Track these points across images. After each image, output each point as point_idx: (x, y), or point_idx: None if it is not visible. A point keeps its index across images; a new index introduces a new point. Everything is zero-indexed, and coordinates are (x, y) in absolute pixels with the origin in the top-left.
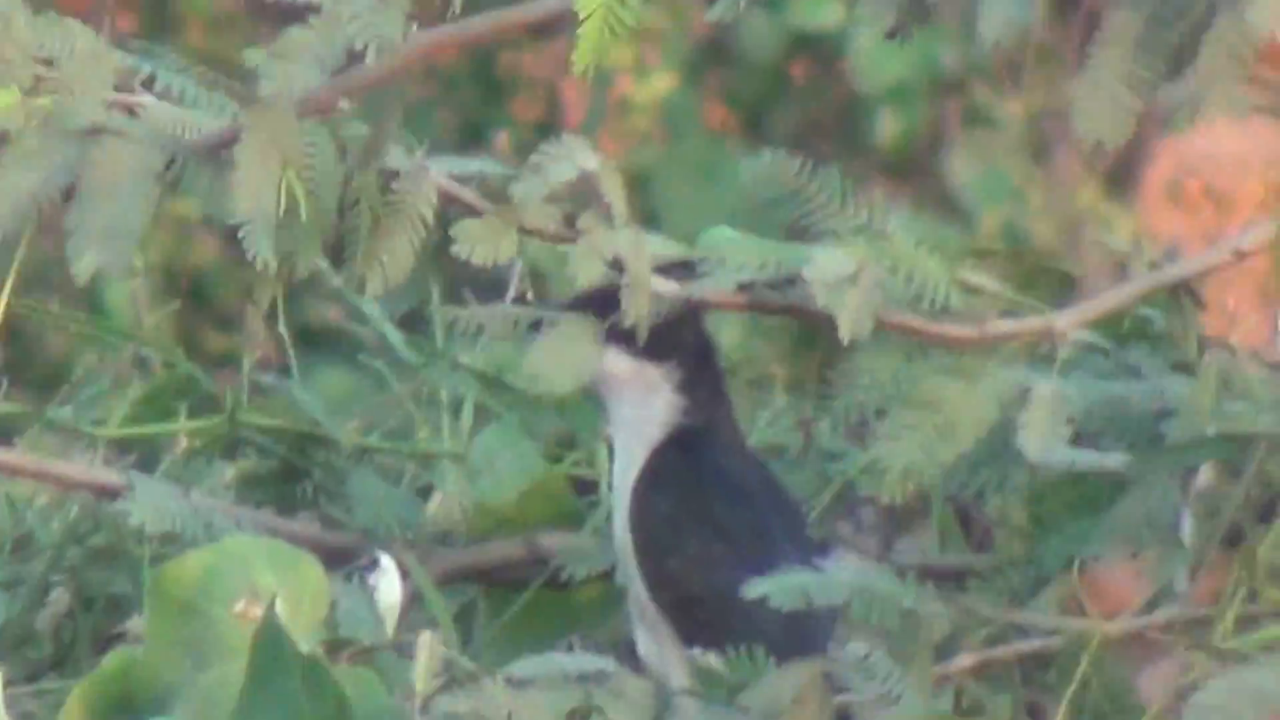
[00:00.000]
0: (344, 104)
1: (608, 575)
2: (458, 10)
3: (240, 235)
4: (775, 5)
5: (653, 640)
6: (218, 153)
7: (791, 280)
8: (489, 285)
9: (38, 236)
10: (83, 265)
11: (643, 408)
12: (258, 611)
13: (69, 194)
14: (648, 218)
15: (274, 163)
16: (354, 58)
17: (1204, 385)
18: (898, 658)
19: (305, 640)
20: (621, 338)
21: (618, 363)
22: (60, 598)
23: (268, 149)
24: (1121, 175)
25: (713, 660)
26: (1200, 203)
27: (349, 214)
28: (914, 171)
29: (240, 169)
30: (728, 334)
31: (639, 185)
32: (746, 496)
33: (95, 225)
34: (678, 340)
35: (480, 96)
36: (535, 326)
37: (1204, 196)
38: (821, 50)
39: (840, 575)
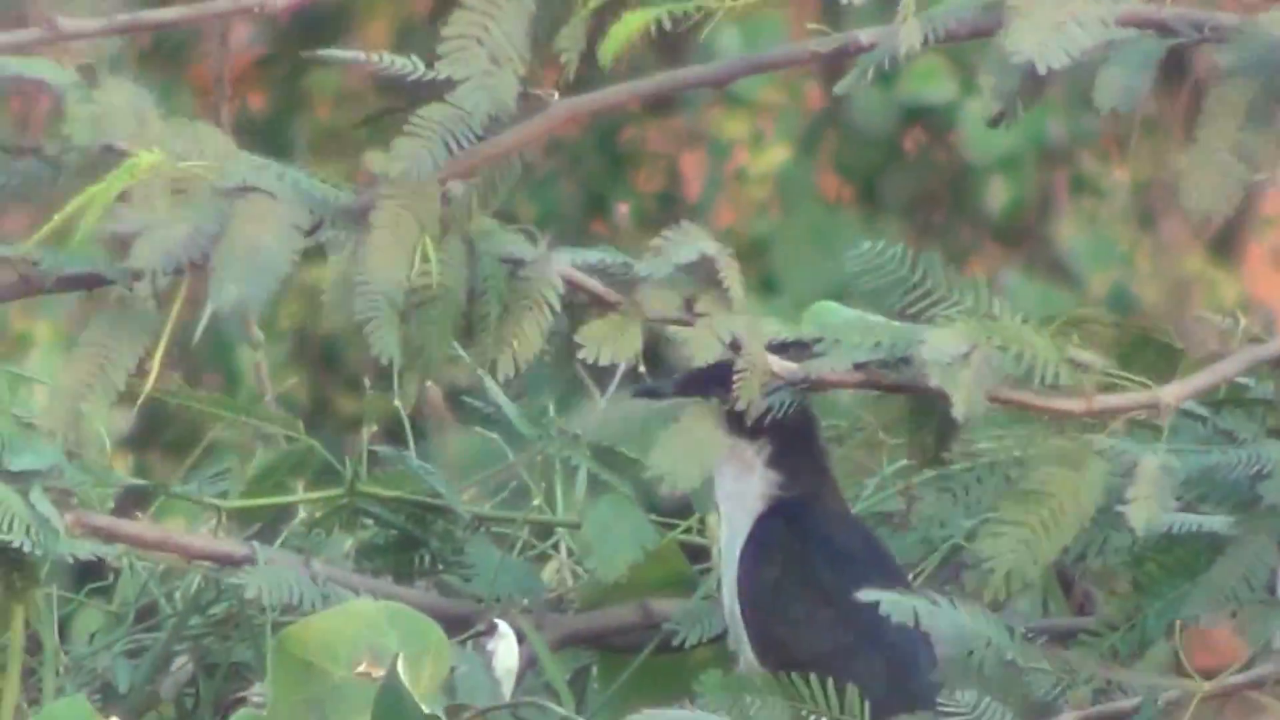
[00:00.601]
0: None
1: (720, 639)
2: (570, 79)
3: (366, 331)
4: (888, 79)
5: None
6: (359, 217)
7: (904, 359)
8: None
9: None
10: (224, 296)
11: (742, 482)
12: (379, 672)
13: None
14: (764, 285)
15: (410, 228)
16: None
17: None
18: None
19: (426, 701)
20: (746, 423)
21: (743, 444)
22: (183, 665)
23: (403, 215)
24: (1227, 240)
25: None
26: None
27: (478, 302)
28: (1024, 238)
29: (376, 230)
30: (830, 406)
31: (756, 254)
32: (849, 562)
33: (239, 263)
34: (769, 418)
35: (603, 168)
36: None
37: None
38: (933, 121)
39: (951, 614)
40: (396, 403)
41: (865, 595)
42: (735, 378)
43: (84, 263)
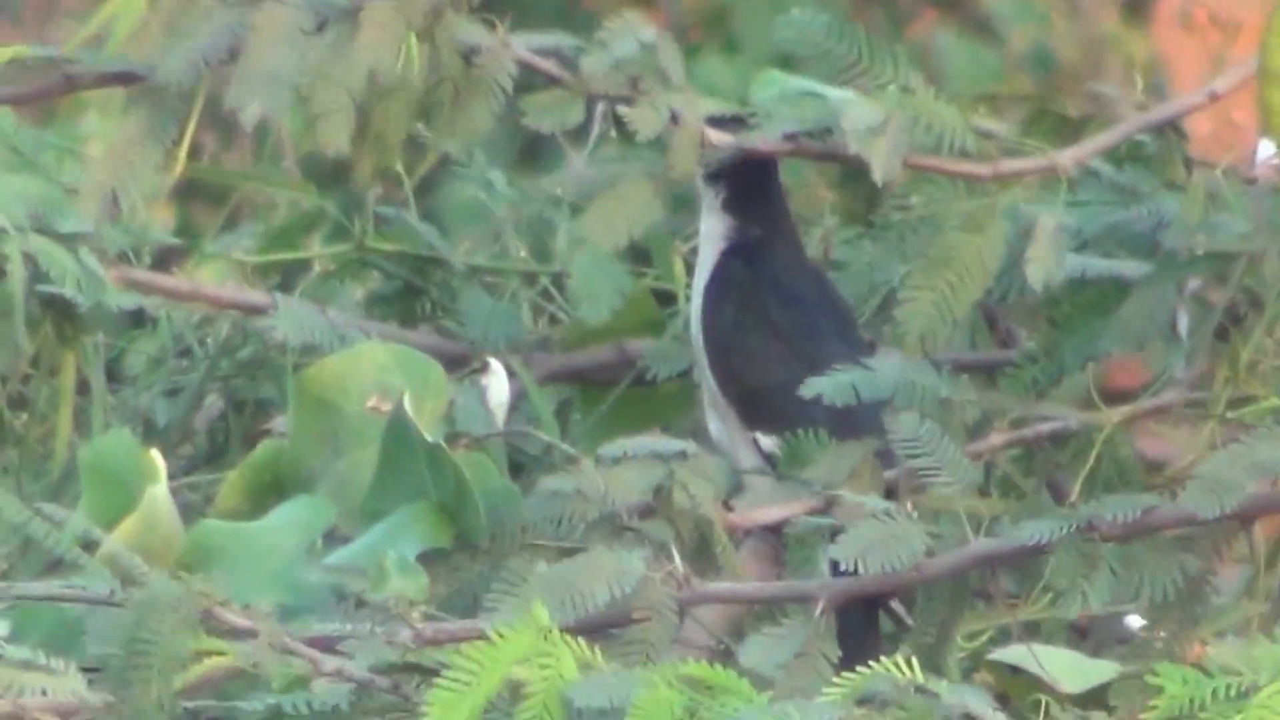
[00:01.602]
0: None
1: (686, 374)
2: None
3: (319, 124)
4: None
5: (723, 426)
6: (357, 15)
7: (829, 130)
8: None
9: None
10: (249, 112)
11: (707, 224)
12: (387, 406)
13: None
14: (727, 46)
15: (398, 26)
16: None
17: (1192, 201)
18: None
19: (429, 430)
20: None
21: (702, 189)
22: (214, 402)
23: (394, 14)
24: (1137, 4)
25: (774, 444)
26: (1207, 29)
27: (434, 89)
28: (958, 3)
29: (366, 29)
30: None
31: (719, 20)
32: (799, 301)
33: (258, 77)
34: (728, 165)
35: None
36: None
37: (1211, 23)
38: None
39: (885, 372)
40: (398, 167)
41: (814, 335)
42: (669, 148)
43: (119, 64)
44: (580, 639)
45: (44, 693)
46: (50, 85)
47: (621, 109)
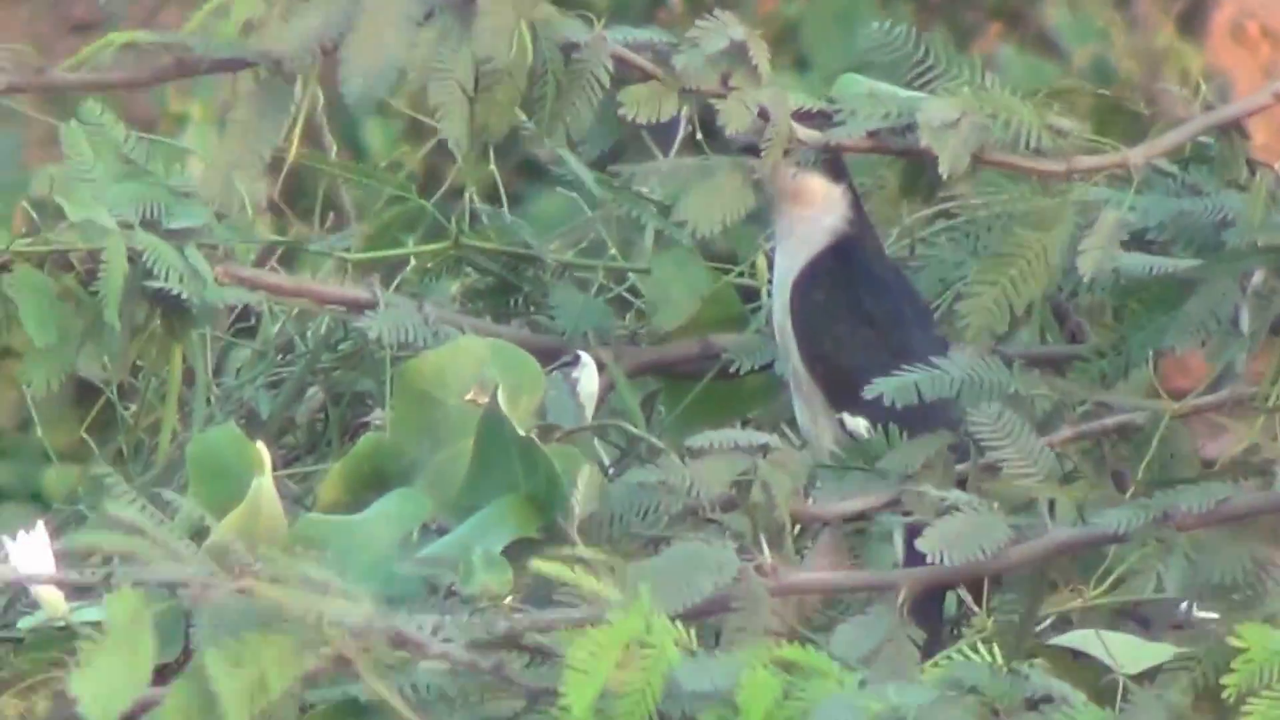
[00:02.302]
0: None
1: (769, 367)
2: None
3: (436, 116)
4: None
5: (808, 410)
6: (464, 5)
7: (909, 127)
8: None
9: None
10: (352, 89)
11: (816, 221)
12: (485, 400)
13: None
14: (798, 62)
15: (510, 14)
16: None
17: (1255, 199)
18: None
19: (524, 424)
20: (809, 165)
21: (809, 182)
22: (315, 395)
23: (505, 5)
24: (1193, 16)
25: (860, 424)
26: (1259, 41)
27: (537, 83)
28: (1017, 18)
29: (484, 16)
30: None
31: (789, 35)
32: (888, 292)
33: (365, 58)
34: (844, 167)
35: None
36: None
37: (1262, 36)
38: None
39: (951, 370)
40: (492, 168)
41: (900, 324)
42: (762, 142)
43: (232, 49)
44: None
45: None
46: (163, 70)
47: (713, 104)
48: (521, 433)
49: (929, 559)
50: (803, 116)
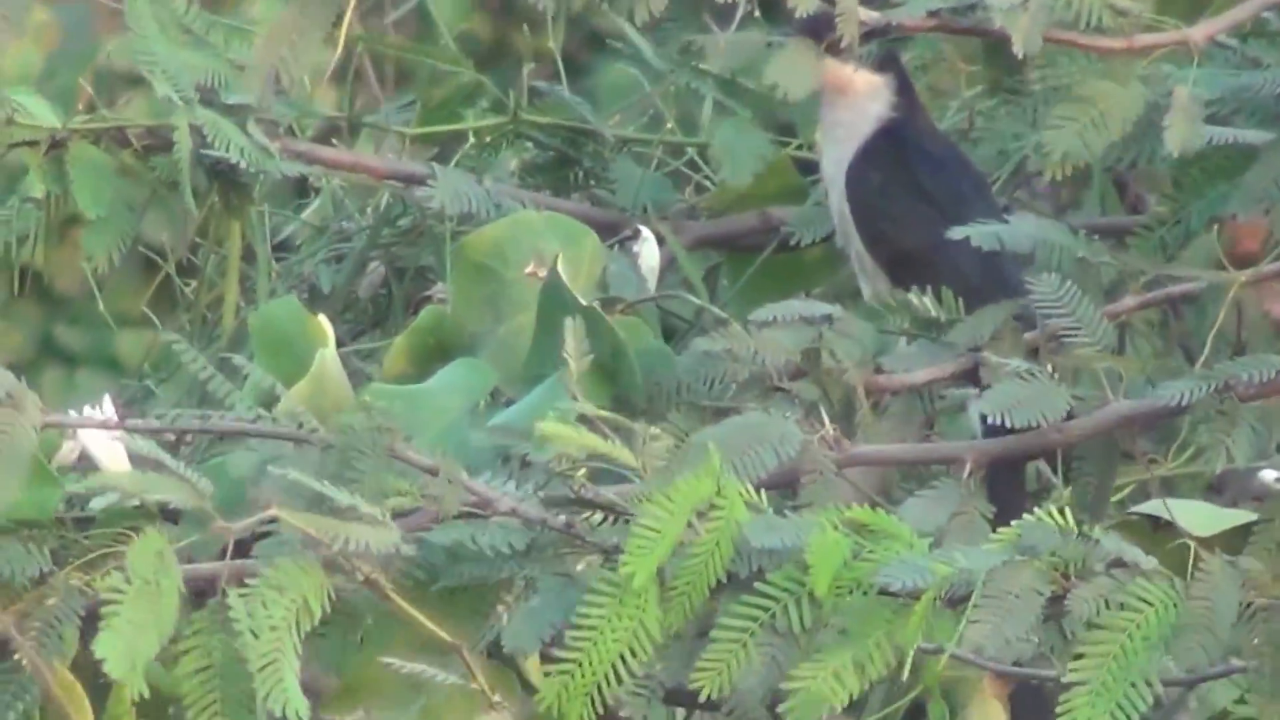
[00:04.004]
0: None
1: (829, 239)
2: None
3: None
4: None
5: (872, 290)
6: None
7: (970, 6)
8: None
9: None
10: None
11: (861, 110)
12: (544, 272)
13: None
14: None
15: None
16: None
17: None
18: None
19: (584, 295)
20: (854, 57)
21: (850, 74)
22: (376, 270)
23: None
24: None
25: (925, 300)
26: None
27: None
28: None
29: None
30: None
31: None
32: (943, 168)
33: None
34: (891, 56)
35: None
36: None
37: None
38: None
39: (1026, 227)
40: (550, 44)
41: (959, 199)
42: (835, 20)
43: None
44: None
45: (366, 545)
46: None
47: None
48: (584, 303)
49: (995, 427)
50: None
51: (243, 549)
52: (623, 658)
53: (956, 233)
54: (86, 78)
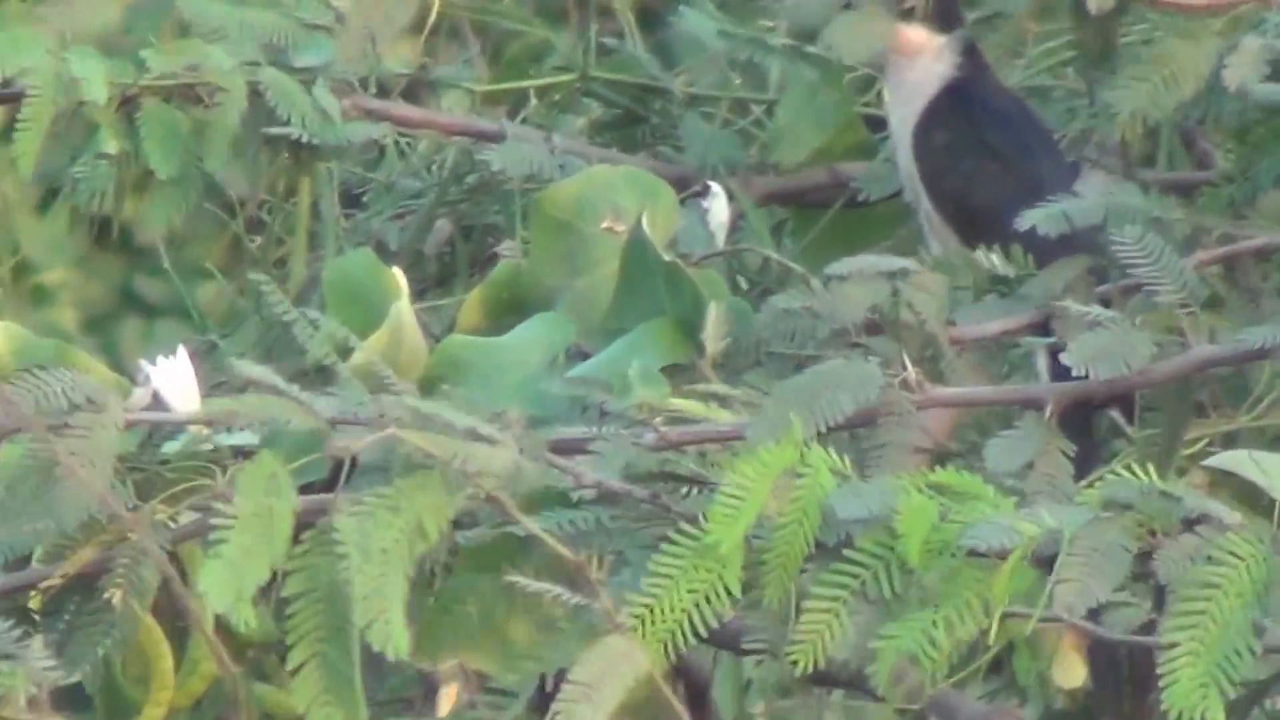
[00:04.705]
0: None
1: (898, 195)
2: None
3: None
4: None
5: (941, 247)
6: None
7: None
8: None
9: None
10: None
11: (926, 69)
12: (622, 227)
13: None
14: None
15: None
16: None
17: None
18: None
19: (663, 250)
20: (917, 17)
21: (915, 35)
22: (443, 227)
23: None
24: None
25: (995, 260)
26: None
27: None
28: None
29: None
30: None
31: None
32: (1010, 125)
33: None
34: (956, 14)
35: None
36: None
37: None
38: None
39: (1094, 196)
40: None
41: (1027, 155)
42: None
43: None
44: (828, 446)
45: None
46: None
47: None
48: (666, 257)
49: (1075, 374)
50: None
51: None
52: (698, 608)
53: (1024, 221)
54: (164, 32)
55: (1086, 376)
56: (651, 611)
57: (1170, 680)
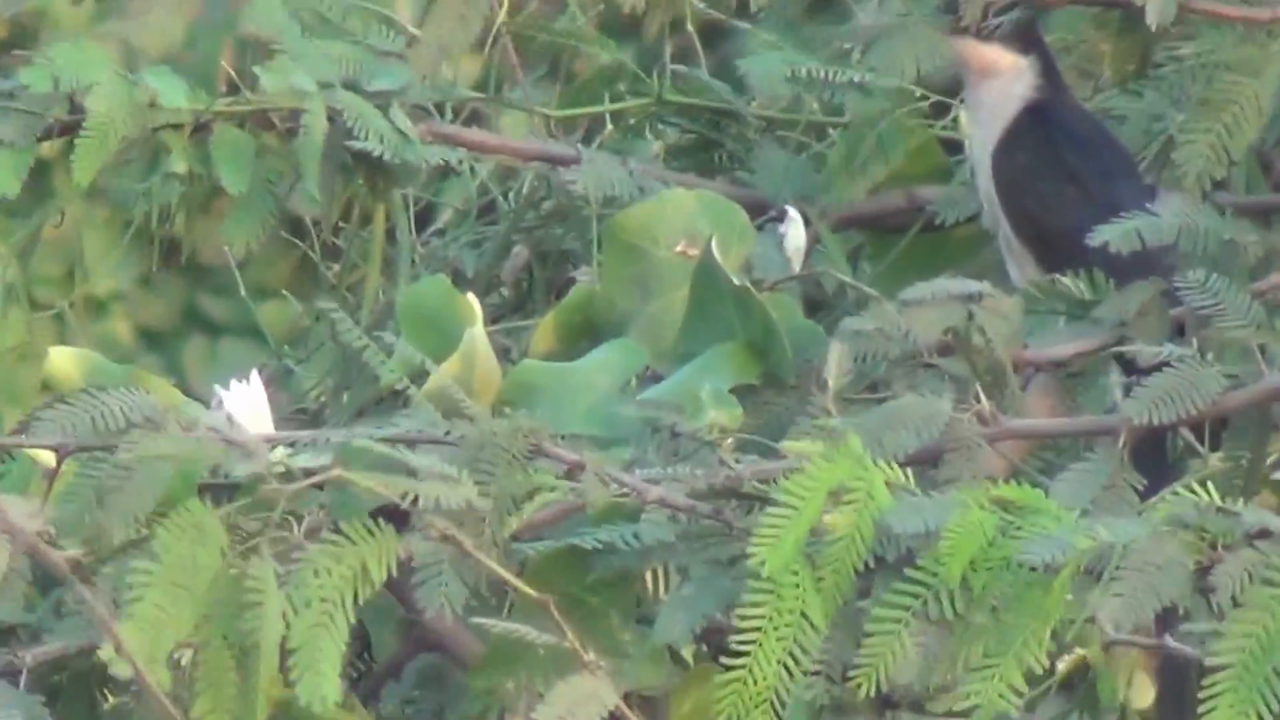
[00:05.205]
0: None
1: (974, 219)
2: None
3: None
4: None
5: (1018, 269)
6: None
7: None
8: None
9: None
10: None
11: (1006, 91)
12: (694, 251)
13: None
14: None
15: None
16: None
17: None
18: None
19: (734, 274)
20: (998, 39)
21: (994, 56)
22: (520, 253)
23: None
24: None
25: (1075, 282)
26: None
27: None
28: None
29: None
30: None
31: None
32: (1089, 148)
33: None
34: (1036, 36)
35: None
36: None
37: None
38: None
39: (1168, 218)
40: (689, 28)
41: (1106, 178)
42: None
43: None
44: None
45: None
46: None
47: None
48: (736, 281)
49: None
50: None
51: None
52: (792, 655)
53: (1097, 238)
54: (227, 48)
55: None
56: (750, 672)
57: (1211, 704)
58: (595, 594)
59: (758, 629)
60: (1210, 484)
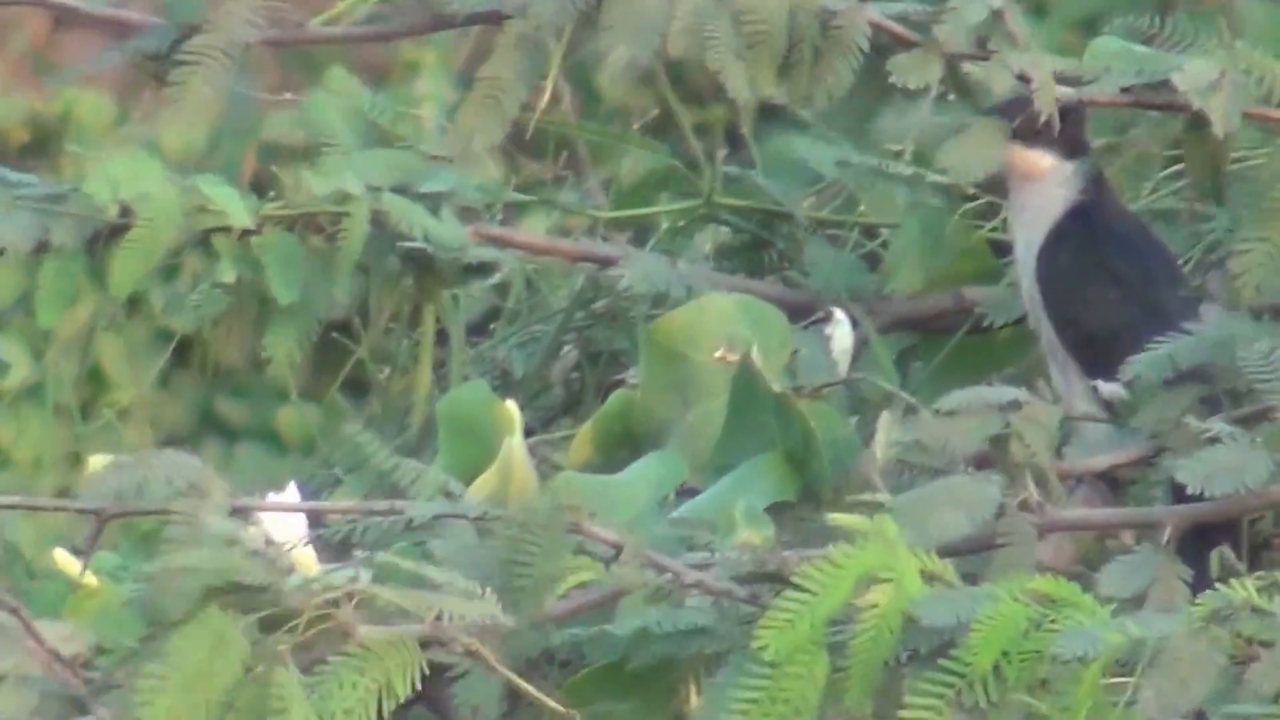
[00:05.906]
0: None
1: (1022, 320)
2: None
3: (717, 73)
4: None
5: (1061, 374)
6: None
7: (1163, 83)
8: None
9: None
10: (616, 57)
11: (1050, 194)
12: (735, 357)
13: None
14: (1036, 10)
15: None
16: None
17: None
18: None
19: (775, 380)
20: (1041, 143)
21: (1040, 159)
22: (569, 354)
23: None
24: None
25: (1116, 390)
26: None
27: (794, 47)
28: None
29: None
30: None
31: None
32: (1134, 251)
33: (628, 21)
34: (1081, 140)
35: None
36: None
37: None
38: None
39: (1203, 335)
40: (744, 131)
41: (1149, 282)
42: (1034, 98)
43: (488, 1)
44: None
45: (461, 617)
46: (419, 23)
47: (971, 67)
48: (776, 389)
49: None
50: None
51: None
52: None
53: (1127, 372)
54: (250, 152)
55: (1203, 497)
56: None
57: None
58: (631, 705)
59: (743, 713)
60: (1249, 583)
